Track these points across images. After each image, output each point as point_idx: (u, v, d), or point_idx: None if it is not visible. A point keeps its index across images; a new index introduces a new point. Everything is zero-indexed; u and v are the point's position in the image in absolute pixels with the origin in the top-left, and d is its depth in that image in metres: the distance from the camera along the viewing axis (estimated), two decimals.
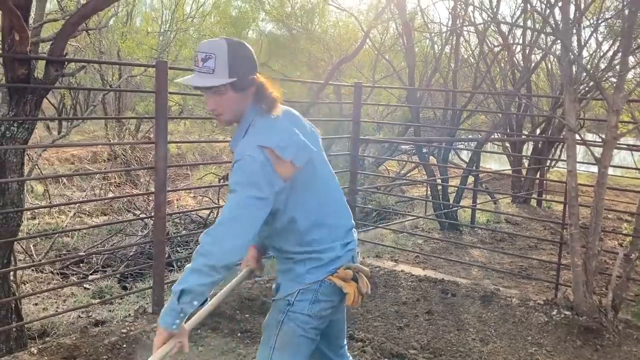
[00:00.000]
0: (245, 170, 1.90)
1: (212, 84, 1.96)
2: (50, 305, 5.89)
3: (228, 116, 2.05)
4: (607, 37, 9.55)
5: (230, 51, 1.96)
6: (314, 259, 2.05)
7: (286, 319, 2.06)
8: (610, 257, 6.47)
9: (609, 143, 3.93)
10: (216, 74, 1.95)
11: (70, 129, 8.34)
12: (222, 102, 2.01)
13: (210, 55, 1.95)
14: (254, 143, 1.92)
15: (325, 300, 2.06)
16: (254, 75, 2.03)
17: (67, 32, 3.61)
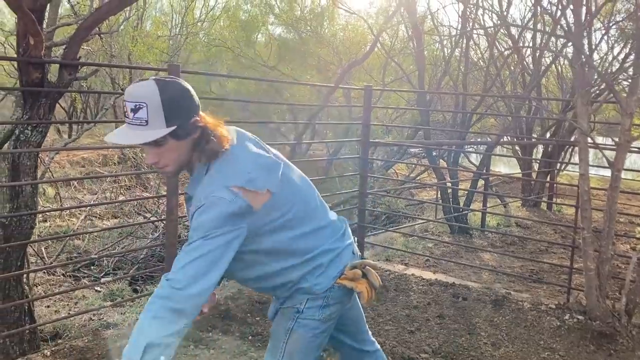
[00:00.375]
0: (211, 211, 1.69)
1: (147, 139, 1.69)
2: (62, 307, 5.93)
3: (173, 167, 1.82)
4: (618, 40, 9.50)
5: (163, 96, 1.68)
6: (313, 269, 1.94)
7: (295, 326, 1.97)
8: (623, 261, 6.42)
9: (622, 146, 3.90)
10: (151, 125, 1.68)
11: (82, 132, 8.39)
12: (164, 154, 1.76)
13: (140, 104, 1.67)
14: (220, 185, 1.73)
15: (335, 304, 2.00)
16: (195, 117, 1.76)
17: (81, 36, 3.64)
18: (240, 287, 5.23)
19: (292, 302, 1.99)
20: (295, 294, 1.97)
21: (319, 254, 1.95)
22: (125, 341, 3.56)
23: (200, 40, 15.77)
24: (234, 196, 1.71)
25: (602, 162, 4.19)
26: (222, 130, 1.83)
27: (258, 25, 14.15)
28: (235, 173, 1.76)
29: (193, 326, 3.82)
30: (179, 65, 4.03)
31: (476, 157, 13.83)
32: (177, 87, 1.74)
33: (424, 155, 11.07)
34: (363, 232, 5.85)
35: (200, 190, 1.76)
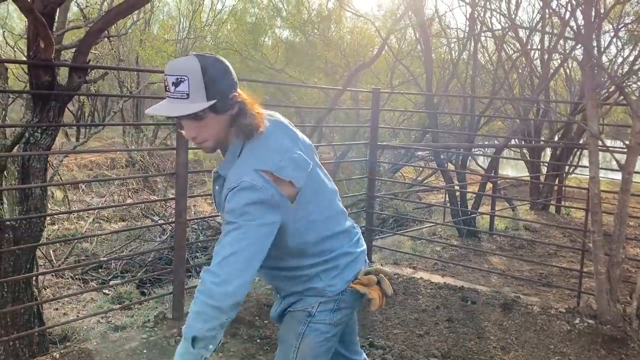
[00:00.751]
0: (244, 196, 1.71)
1: (189, 111, 1.71)
2: (70, 310, 5.95)
3: (212, 143, 1.83)
4: (627, 42, 9.46)
5: (204, 70, 1.71)
6: (330, 269, 1.94)
7: (307, 331, 1.95)
8: (634, 265, 6.37)
9: (633, 149, 3.87)
10: (192, 98, 1.71)
11: (91, 136, 8.44)
12: (203, 129, 1.78)
13: (182, 77, 1.70)
14: (250, 167, 1.74)
15: (347, 307, 1.99)
16: (234, 92, 1.79)
17: (91, 39, 3.65)
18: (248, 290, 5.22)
19: (303, 304, 1.97)
20: (306, 292, 1.96)
21: (337, 256, 1.95)
22: (134, 344, 3.57)
23: (207, 43, 15.81)
24: (265, 183, 1.72)
25: (610, 165, 4.17)
26: (258, 109, 1.86)
27: (265, 28, 14.18)
28: (266, 158, 1.77)
29: None
30: None
31: (484, 160, 13.79)
32: (217, 63, 1.77)
33: (432, 158, 11.05)
34: (371, 236, 5.83)
35: (233, 171, 1.78)
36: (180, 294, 4.06)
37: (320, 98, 12.39)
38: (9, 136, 4.14)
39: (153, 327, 3.89)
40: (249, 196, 1.70)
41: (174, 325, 3.92)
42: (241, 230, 1.70)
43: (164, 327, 3.91)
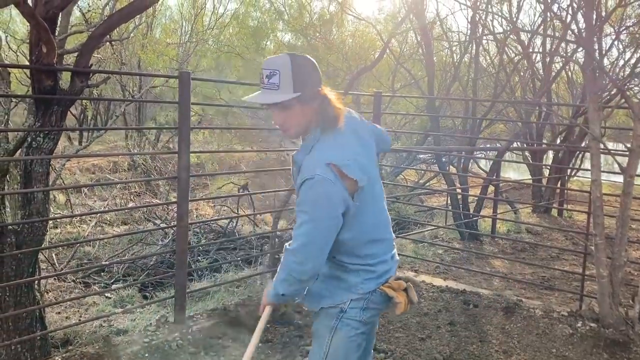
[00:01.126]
0: (318, 190, 1.93)
1: (278, 99, 1.99)
2: (72, 314, 5.95)
3: (295, 129, 2.09)
4: (629, 45, 9.45)
5: (294, 66, 1.99)
6: (368, 271, 2.11)
7: (339, 325, 2.12)
8: (636, 268, 6.36)
9: (635, 152, 3.87)
10: (281, 89, 1.99)
11: (93, 139, 8.45)
12: (289, 117, 2.05)
13: (274, 71, 1.99)
14: (322, 160, 1.95)
15: (374, 308, 2.15)
16: (318, 88, 2.06)
17: (93, 43, 3.66)
18: (251, 293, 5.22)
19: (335, 300, 2.13)
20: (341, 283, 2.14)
21: (377, 263, 2.14)
22: (136, 348, 3.57)
23: (209, 47, 15.82)
24: (335, 177, 1.93)
25: (612, 168, 4.16)
26: (339, 105, 2.10)
27: (267, 31, 14.20)
28: (337, 153, 1.98)
29: (203, 333, 3.84)
30: (190, 72, 4.05)
31: (486, 163, 13.77)
32: (305, 61, 2.05)
33: (434, 161, 11.04)
34: None
35: (307, 162, 2.00)
36: (182, 298, 4.06)
37: None
38: (12, 140, 4.14)
39: (155, 331, 3.89)
40: (321, 189, 1.93)
41: (175, 328, 3.92)
42: (315, 223, 1.96)
43: (165, 330, 3.91)
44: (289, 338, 3.96)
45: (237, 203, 9.42)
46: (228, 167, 16.21)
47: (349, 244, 2.08)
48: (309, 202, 1.96)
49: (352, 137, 2.11)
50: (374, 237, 2.12)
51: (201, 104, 11.59)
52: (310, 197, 1.95)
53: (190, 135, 3.95)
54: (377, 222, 2.13)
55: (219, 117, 14.20)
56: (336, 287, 2.15)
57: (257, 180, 15.02)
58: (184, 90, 3.85)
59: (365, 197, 2.04)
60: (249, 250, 7.90)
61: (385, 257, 2.16)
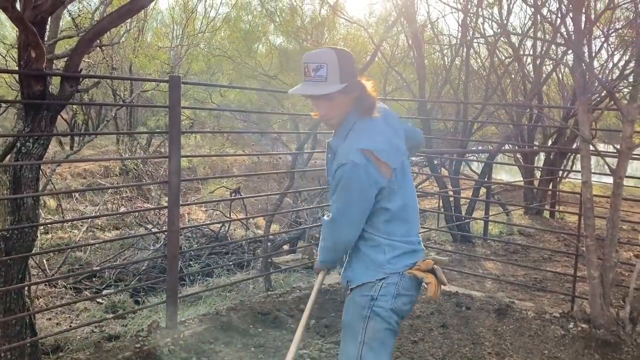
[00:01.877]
0: (351, 175, 2.04)
1: (328, 91, 2.08)
2: (63, 320, 5.91)
3: (338, 119, 2.19)
4: (618, 47, 9.52)
5: (339, 59, 2.09)
6: (395, 247, 2.19)
7: (372, 314, 2.16)
8: (627, 269, 6.39)
9: (624, 153, 3.90)
10: (329, 81, 2.08)
11: (84, 144, 8.41)
12: (333, 107, 2.15)
13: (321, 64, 2.08)
14: (356, 146, 2.05)
15: (406, 295, 2.19)
16: (357, 78, 2.17)
17: (82, 48, 3.64)
18: (243, 298, 5.21)
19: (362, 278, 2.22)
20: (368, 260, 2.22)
21: (403, 241, 2.21)
22: (128, 353, 3.55)
23: (201, 50, 15.80)
24: (367, 161, 2.03)
25: (603, 170, 4.18)
26: (375, 93, 2.21)
27: (259, 35, 14.20)
28: (371, 139, 2.08)
29: (195, 338, 3.81)
30: (180, 76, 4.03)
31: (478, 166, 13.81)
32: (347, 54, 2.15)
33: (426, 163, 11.06)
34: None
35: (343, 147, 2.11)
36: (173, 303, 4.04)
37: None
38: (1, 146, 4.12)
39: (146, 336, 3.86)
40: (353, 174, 2.03)
41: (167, 334, 3.90)
42: (347, 204, 2.10)
43: (157, 336, 3.89)
44: (282, 342, 3.95)
45: (230, 207, 9.40)
46: (220, 171, 16.20)
47: (378, 219, 2.17)
48: (343, 186, 2.07)
49: (385, 124, 2.21)
50: (402, 216, 2.20)
51: (192, 107, 11.57)
52: (344, 182, 2.06)
53: (182, 139, 3.94)
54: (406, 205, 2.21)
55: (211, 121, 14.18)
56: (363, 264, 2.23)
57: (249, 184, 15.00)
58: (174, 94, 3.84)
59: (398, 179, 2.15)
60: (241, 255, 7.88)
61: (410, 238, 2.23)
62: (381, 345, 2.17)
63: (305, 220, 8.67)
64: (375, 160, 2.05)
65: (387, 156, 2.08)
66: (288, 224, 8.76)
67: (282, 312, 4.40)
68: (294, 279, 6.26)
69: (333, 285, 5.02)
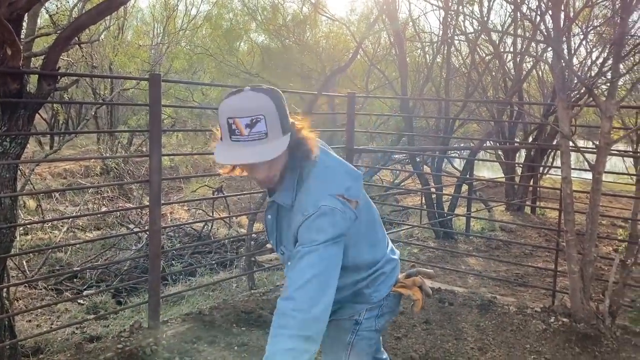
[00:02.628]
0: (326, 223, 1.67)
1: (277, 152, 1.62)
2: (44, 321, 5.83)
3: (279, 175, 1.76)
4: (596, 44, 9.64)
5: (276, 103, 1.64)
6: (378, 276, 1.96)
7: (356, 339, 1.97)
8: (606, 263, 6.47)
9: (603, 149, 3.94)
10: (270, 137, 1.61)
11: (63, 144, 8.31)
12: (274, 165, 1.70)
13: (257, 117, 1.59)
14: (324, 192, 1.70)
15: (389, 312, 2.04)
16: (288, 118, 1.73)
17: (60, 45, 3.59)
18: (226, 297, 5.18)
19: (349, 312, 1.99)
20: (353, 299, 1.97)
21: (384, 264, 1.98)
22: (109, 354, 3.51)
23: (182, 48, 15.70)
24: (344, 206, 1.70)
25: (584, 165, 4.23)
26: (309, 133, 1.77)
27: (240, 33, 14.14)
28: (335, 182, 1.75)
29: (178, 338, 3.79)
30: (160, 74, 4.00)
31: (460, 163, 13.92)
32: (277, 92, 1.68)
33: (408, 161, 11.11)
34: None
35: (304, 199, 1.71)
36: (155, 303, 4.00)
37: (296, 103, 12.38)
38: None
39: (128, 337, 3.83)
40: (332, 220, 1.67)
41: (149, 334, 3.86)
42: (318, 253, 1.64)
43: (139, 336, 3.85)
44: (265, 341, 3.93)
45: (212, 206, 9.35)
46: (203, 170, 16.10)
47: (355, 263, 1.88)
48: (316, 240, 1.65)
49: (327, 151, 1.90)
50: (372, 239, 1.95)
51: (172, 105, 11.47)
52: (315, 228, 1.66)
53: (164, 138, 3.91)
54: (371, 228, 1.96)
55: (193, 120, 14.09)
56: (350, 301, 1.98)
57: (232, 182, 14.94)
58: (155, 92, 3.80)
59: (363, 209, 1.86)
60: (224, 254, 7.85)
61: (388, 257, 2.01)
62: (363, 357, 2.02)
63: None
64: (348, 202, 1.72)
65: (356, 192, 1.78)
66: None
67: (265, 311, 4.38)
68: (277, 277, 6.25)
69: None
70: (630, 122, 12.45)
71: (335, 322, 1.99)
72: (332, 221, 1.67)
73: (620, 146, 18.46)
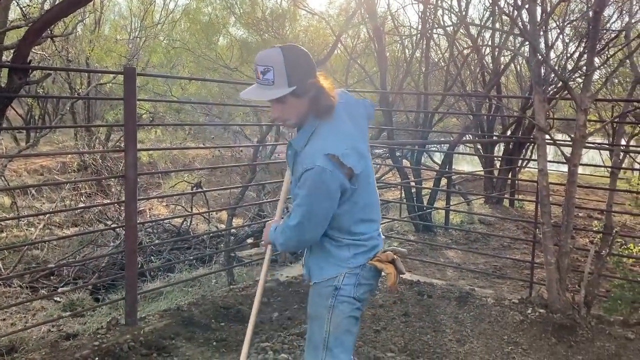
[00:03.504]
0: (317, 179, 2.03)
1: (273, 96, 2.05)
2: (19, 320, 5.73)
3: (294, 120, 2.15)
4: (573, 38, 9.74)
5: (286, 61, 2.03)
6: (358, 246, 2.22)
7: (336, 303, 2.21)
8: (582, 255, 6.56)
9: (578, 142, 3.98)
10: (276, 85, 2.04)
11: (38, 139, 8.17)
12: (286, 110, 2.11)
13: (268, 67, 2.03)
14: (322, 151, 2.03)
15: (366, 284, 2.25)
16: (312, 79, 2.09)
17: (31, 38, 3.51)
18: (204, 293, 5.14)
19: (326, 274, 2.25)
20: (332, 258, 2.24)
21: (368, 239, 2.25)
22: (86, 352, 3.46)
23: (160, 42, 15.51)
24: (334, 167, 2.02)
25: (561, 158, 4.27)
26: (334, 94, 2.16)
27: (219, 27, 14.01)
28: (335, 144, 2.06)
29: (156, 334, 3.75)
30: (135, 68, 3.94)
31: (440, 156, 14.00)
32: (297, 54, 2.08)
33: (388, 155, 11.14)
34: None
35: (307, 151, 2.09)
36: (132, 299, 3.96)
37: None
38: None
39: (105, 334, 3.78)
40: (319, 179, 2.02)
41: (127, 330, 3.82)
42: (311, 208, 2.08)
43: (117, 333, 3.81)
44: (244, 335, 3.91)
45: (191, 201, 9.28)
46: (182, 165, 15.98)
47: (342, 221, 2.18)
48: (308, 190, 2.05)
49: (349, 122, 2.20)
50: (364, 217, 2.22)
51: (148, 100, 11.27)
52: (309, 185, 2.04)
53: (142, 133, 3.85)
54: (368, 204, 2.23)
55: (172, 115, 13.94)
56: (328, 262, 2.25)
57: (212, 178, 14.84)
58: (129, 85, 3.75)
59: (361, 181, 2.15)
60: (204, 250, 7.80)
61: (373, 234, 2.27)
62: (346, 333, 2.24)
63: (269, 213, 8.63)
64: (340, 165, 2.04)
65: (351, 161, 2.07)
66: (251, 218, 8.70)
67: (244, 306, 4.36)
68: (257, 272, 6.22)
69: (296, 277, 5.01)
70: (606, 116, 12.63)
71: (317, 288, 2.28)
72: (322, 179, 2.02)
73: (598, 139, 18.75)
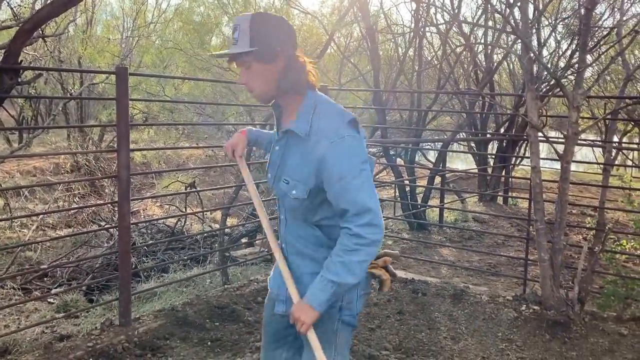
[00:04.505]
0: (355, 149, 1.87)
1: (231, 51, 1.93)
2: (12, 322, 5.70)
3: (258, 90, 1.98)
4: (565, 36, 9.78)
5: (253, 21, 1.91)
6: None
7: (341, 326, 2.05)
8: (576, 251, 6.59)
9: (570, 139, 4.00)
10: (239, 44, 1.92)
11: (31, 140, 8.13)
12: (252, 77, 1.96)
13: (236, 26, 1.93)
14: (343, 121, 1.91)
15: (365, 294, 2.11)
16: (282, 47, 1.93)
17: (22, 38, 3.49)
18: (199, 293, 5.13)
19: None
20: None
21: None
22: (80, 353, 3.45)
23: (152, 42, 15.47)
24: (357, 133, 1.90)
25: (555, 156, 4.29)
26: (311, 69, 2.00)
27: (212, 26, 13.98)
28: (342, 111, 1.96)
29: (150, 334, 3.74)
30: (127, 68, 3.93)
31: (434, 155, 14.02)
32: (268, 18, 1.96)
33: (382, 154, 11.15)
34: None
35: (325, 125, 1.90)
36: (126, 300, 3.94)
37: None
38: None
39: (99, 335, 3.77)
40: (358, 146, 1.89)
41: (121, 331, 3.81)
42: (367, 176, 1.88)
43: (111, 334, 3.80)
44: (239, 335, 3.91)
45: (185, 201, 9.26)
46: (175, 165, 15.94)
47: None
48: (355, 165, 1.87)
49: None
50: None
51: (140, 99, 11.21)
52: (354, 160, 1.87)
53: (136, 133, 3.84)
54: None
55: (165, 115, 13.90)
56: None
57: (206, 178, 14.82)
58: (121, 85, 3.73)
59: None
60: (198, 250, 7.78)
61: None
62: (346, 346, 2.11)
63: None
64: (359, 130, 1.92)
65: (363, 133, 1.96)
66: (245, 217, 8.69)
67: (239, 305, 4.36)
68: (251, 272, 6.22)
69: None
70: (599, 113, 12.69)
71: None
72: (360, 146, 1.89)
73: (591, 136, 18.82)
